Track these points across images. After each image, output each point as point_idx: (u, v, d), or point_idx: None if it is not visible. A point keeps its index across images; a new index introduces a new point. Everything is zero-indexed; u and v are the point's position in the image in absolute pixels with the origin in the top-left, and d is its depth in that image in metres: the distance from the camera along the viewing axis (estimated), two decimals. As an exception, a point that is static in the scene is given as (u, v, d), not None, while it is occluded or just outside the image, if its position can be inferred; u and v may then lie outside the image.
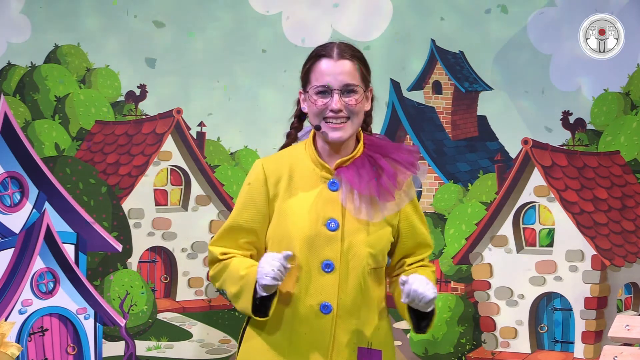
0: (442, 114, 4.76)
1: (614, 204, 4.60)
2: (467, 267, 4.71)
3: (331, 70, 3.21)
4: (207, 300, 4.84)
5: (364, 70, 3.27)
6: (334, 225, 3.18)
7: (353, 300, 3.20)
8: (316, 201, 3.20)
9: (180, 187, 4.85)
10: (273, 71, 4.74)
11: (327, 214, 3.18)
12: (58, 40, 4.77)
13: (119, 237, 4.71)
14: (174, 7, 4.79)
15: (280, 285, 3.13)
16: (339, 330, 3.19)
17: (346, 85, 3.21)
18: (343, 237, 3.18)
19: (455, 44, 4.73)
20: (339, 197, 3.20)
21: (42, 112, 4.76)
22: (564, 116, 4.66)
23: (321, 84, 3.21)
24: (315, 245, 3.16)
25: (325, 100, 3.20)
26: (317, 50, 3.28)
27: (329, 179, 3.22)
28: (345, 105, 3.19)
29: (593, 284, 4.58)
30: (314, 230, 3.17)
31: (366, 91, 3.27)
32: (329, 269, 3.17)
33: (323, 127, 3.20)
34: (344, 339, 3.19)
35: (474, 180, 4.72)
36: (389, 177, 3.20)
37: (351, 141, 3.27)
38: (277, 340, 3.21)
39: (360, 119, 3.26)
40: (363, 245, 3.19)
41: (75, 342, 4.52)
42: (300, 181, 3.23)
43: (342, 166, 3.23)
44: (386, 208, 3.20)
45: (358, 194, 3.17)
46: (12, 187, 4.37)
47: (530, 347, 4.68)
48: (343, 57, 3.23)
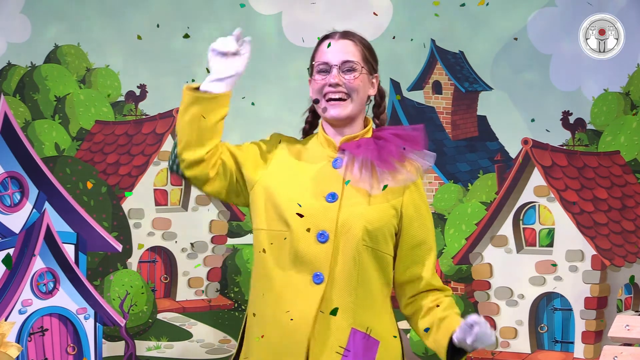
0: (442, 114, 4.76)
1: (614, 204, 4.60)
2: (467, 267, 4.71)
3: (332, 49, 3.23)
4: (207, 300, 4.84)
5: (367, 55, 3.28)
6: (333, 198, 3.17)
7: (347, 274, 3.15)
8: (318, 176, 3.19)
9: (180, 187, 4.85)
10: (273, 71, 4.74)
11: (327, 188, 3.18)
12: (58, 40, 4.77)
13: (119, 237, 4.71)
14: (174, 7, 4.79)
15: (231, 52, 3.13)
16: (330, 303, 3.15)
17: (345, 61, 3.21)
18: (340, 208, 3.16)
19: (455, 44, 4.73)
20: (340, 172, 3.19)
21: (42, 112, 4.76)
22: (564, 116, 4.66)
23: (321, 61, 3.22)
24: (311, 214, 3.14)
25: (324, 76, 3.21)
26: (322, 36, 3.31)
27: (334, 157, 3.22)
28: (344, 81, 3.20)
29: (593, 284, 4.58)
30: (312, 200, 3.16)
31: (370, 75, 3.28)
32: (324, 239, 3.14)
33: (322, 103, 3.20)
34: (337, 316, 3.15)
35: (474, 180, 4.72)
36: (390, 146, 3.20)
37: (357, 123, 3.26)
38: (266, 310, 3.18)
39: (361, 100, 3.24)
40: (360, 220, 3.17)
41: (75, 342, 4.51)
42: (307, 158, 3.24)
43: (346, 143, 3.24)
44: (386, 177, 3.18)
45: (358, 161, 3.17)
46: (12, 187, 4.37)
47: (530, 347, 4.68)
48: (345, 38, 3.25)
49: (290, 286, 3.15)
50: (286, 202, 3.17)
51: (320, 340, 3.13)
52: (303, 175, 3.21)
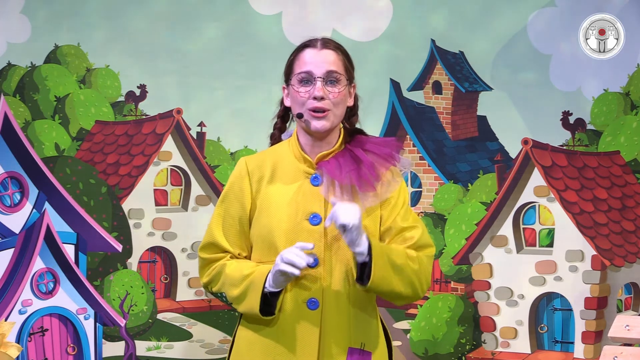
0: (442, 114, 4.76)
1: (614, 204, 4.60)
2: (467, 267, 4.71)
3: (314, 59, 3.20)
4: (207, 300, 4.84)
5: (348, 64, 3.27)
6: (317, 220, 3.17)
7: (340, 295, 3.17)
8: (298, 196, 3.19)
9: (180, 187, 4.85)
10: (273, 71, 4.74)
11: (309, 208, 3.17)
12: (58, 40, 4.78)
13: (119, 237, 4.71)
14: (174, 7, 4.79)
15: (297, 276, 3.09)
16: (328, 326, 3.17)
17: (329, 72, 3.20)
18: (326, 230, 3.16)
19: (455, 44, 4.73)
20: (321, 191, 3.19)
21: (42, 112, 4.76)
22: (564, 116, 4.66)
23: (304, 70, 3.20)
24: (298, 239, 3.15)
25: (307, 88, 3.19)
26: (300, 44, 3.29)
27: (311, 174, 3.21)
28: (329, 95, 3.18)
29: (593, 284, 4.58)
30: (297, 225, 3.16)
31: (349, 86, 3.26)
32: (314, 264, 3.15)
33: (306, 116, 3.18)
34: (333, 337, 3.17)
35: (474, 180, 4.72)
36: (368, 168, 3.19)
37: (333, 135, 3.26)
38: (265, 340, 3.20)
39: (342, 112, 3.24)
40: None
41: (75, 342, 4.52)
42: (282, 176, 3.23)
43: (323, 160, 3.22)
44: (367, 199, 3.19)
45: (339, 185, 3.16)
46: (12, 187, 4.37)
47: (530, 347, 4.68)
48: (326, 47, 3.23)
49: (287, 312, 3.16)
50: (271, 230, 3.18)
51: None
52: (282, 197, 3.21)
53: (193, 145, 4.82)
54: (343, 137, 3.26)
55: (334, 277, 3.17)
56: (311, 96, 3.16)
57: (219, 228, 3.26)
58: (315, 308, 3.16)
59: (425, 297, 4.70)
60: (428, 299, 4.72)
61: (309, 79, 3.18)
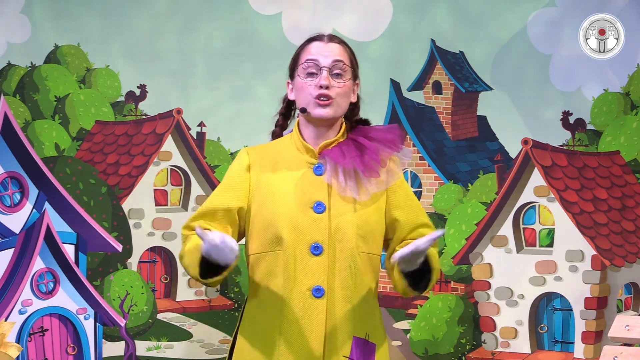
0: (442, 114, 4.76)
1: (614, 204, 4.60)
2: (467, 267, 4.71)
3: (321, 50, 3.25)
4: (207, 301, 4.84)
5: (353, 60, 3.31)
6: (321, 208, 3.17)
7: (344, 283, 3.18)
8: (302, 185, 3.20)
9: (180, 187, 4.85)
10: (273, 71, 4.74)
11: (313, 197, 3.18)
12: (58, 40, 4.77)
13: (119, 237, 4.71)
14: (174, 7, 4.79)
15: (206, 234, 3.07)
16: (333, 315, 3.17)
17: (336, 61, 3.23)
18: (330, 218, 3.17)
19: (455, 44, 4.73)
20: (325, 179, 3.20)
21: (42, 112, 4.76)
22: (564, 116, 4.66)
23: (310, 58, 3.22)
24: (302, 228, 3.15)
25: (313, 79, 3.22)
26: (307, 38, 3.32)
27: (314, 164, 3.23)
28: (334, 85, 3.21)
29: (593, 284, 4.58)
30: (301, 214, 3.17)
31: (353, 82, 3.29)
32: (318, 252, 3.16)
33: (310, 105, 3.21)
34: (338, 325, 3.17)
35: (474, 180, 4.72)
36: (372, 154, 3.21)
37: (335, 126, 3.27)
38: (267, 330, 3.20)
39: (346, 105, 3.27)
40: (351, 226, 3.19)
41: (75, 342, 4.52)
42: (285, 167, 3.24)
43: (326, 149, 3.24)
44: (371, 184, 3.20)
45: (343, 171, 3.18)
46: (12, 187, 4.37)
47: (530, 347, 4.68)
48: (333, 41, 3.28)
49: (292, 302, 3.16)
50: (275, 220, 3.18)
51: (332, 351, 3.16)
52: (285, 186, 3.22)
53: (193, 145, 4.82)
54: (345, 128, 3.28)
55: (338, 265, 3.17)
56: (317, 85, 3.19)
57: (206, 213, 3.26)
58: (321, 296, 3.16)
59: (425, 297, 4.71)
60: (428, 299, 4.72)
61: (315, 69, 3.22)
